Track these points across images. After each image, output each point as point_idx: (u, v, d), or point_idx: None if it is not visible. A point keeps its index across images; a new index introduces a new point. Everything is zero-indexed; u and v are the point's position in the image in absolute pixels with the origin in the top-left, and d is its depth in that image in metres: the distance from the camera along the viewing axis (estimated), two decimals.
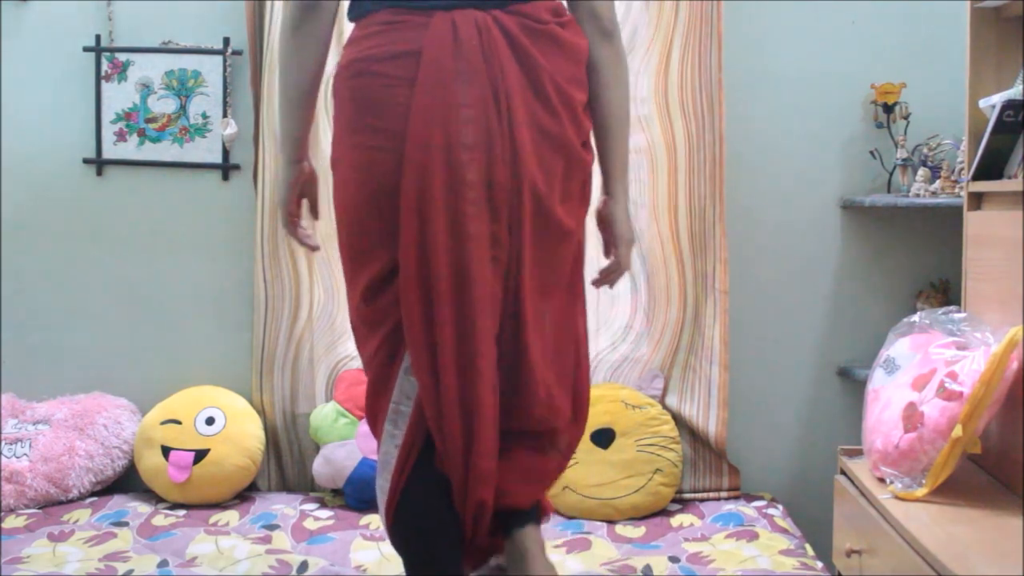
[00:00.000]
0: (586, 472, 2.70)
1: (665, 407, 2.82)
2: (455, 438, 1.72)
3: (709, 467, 2.84)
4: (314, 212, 2.04)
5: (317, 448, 2.83)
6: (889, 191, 2.81)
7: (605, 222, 1.98)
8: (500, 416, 1.76)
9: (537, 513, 1.87)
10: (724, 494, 2.82)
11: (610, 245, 2.00)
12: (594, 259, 2.10)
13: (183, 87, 2.95)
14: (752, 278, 2.88)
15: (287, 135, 1.88)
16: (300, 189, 1.95)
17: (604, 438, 2.73)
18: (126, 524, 2.63)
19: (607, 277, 2.02)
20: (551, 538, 2.47)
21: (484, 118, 1.68)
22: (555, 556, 2.36)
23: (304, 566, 2.35)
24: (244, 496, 2.84)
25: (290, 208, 1.96)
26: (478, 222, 1.69)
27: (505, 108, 1.70)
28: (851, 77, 2.83)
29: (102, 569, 2.34)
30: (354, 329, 1.88)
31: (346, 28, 2.87)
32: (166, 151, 2.96)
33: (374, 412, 1.82)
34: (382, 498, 1.78)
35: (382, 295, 1.75)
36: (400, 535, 1.79)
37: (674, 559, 2.39)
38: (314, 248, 2.04)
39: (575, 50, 1.80)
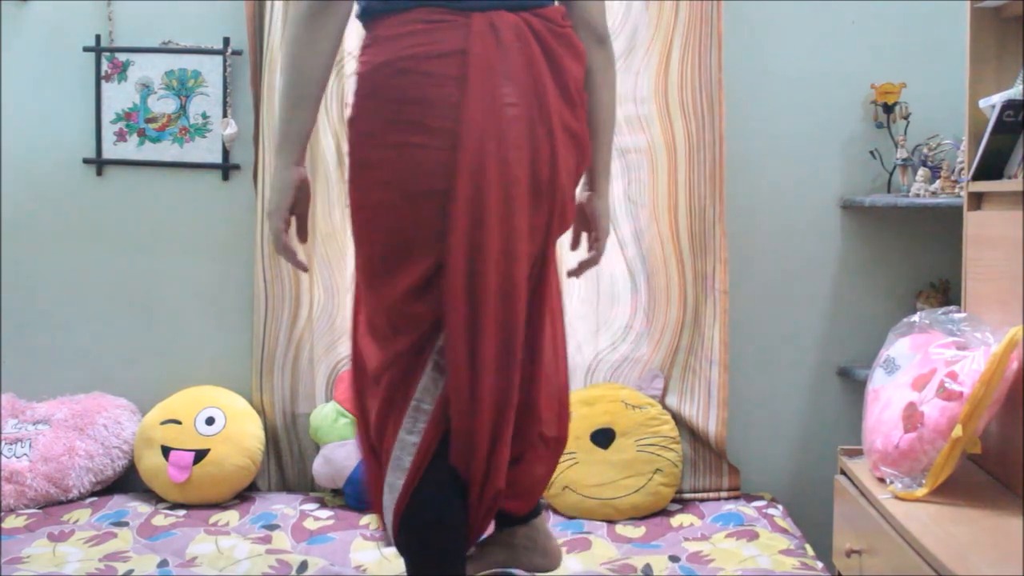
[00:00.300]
0: (586, 472, 2.70)
1: (665, 407, 2.82)
2: (485, 430, 1.75)
3: (709, 467, 2.84)
4: (302, 234, 1.86)
5: (317, 448, 2.83)
6: (889, 191, 2.81)
7: (587, 216, 2.03)
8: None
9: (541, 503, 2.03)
10: (724, 494, 2.82)
11: (579, 238, 2.08)
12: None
13: (183, 87, 2.95)
14: (752, 278, 2.88)
15: (291, 135, 1.78)
16: (295, 197, 1.81)
17: (604, 438, 2.73)
18: (126, 524, 2.63)
19: (584, 269, 2.09)
20: None
21: (528, 117, 1.72)
22: None
23: (304, 566, 2.35)
24: (244, 496, 2.84)
25: (285, 216, 1.80)
26: (522, 219, 1.73)
27: (545, 107, 1.74)
28: (851, 77, 2.83)
29: (102, 569, 2.34)
30: (374, 330, 1.82)
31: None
32: (166, 151, 2.96)
33: (386, 412, 1.80)
34: (392, 496, 1.78)
35: (426, 295, 1.75)
36: (410, 530, 1.79)
37: (674, 558, 2.39)
38: (304, 269, 1.93)
39: (581, 52, 1.87)
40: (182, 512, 2.73)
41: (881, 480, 2.11)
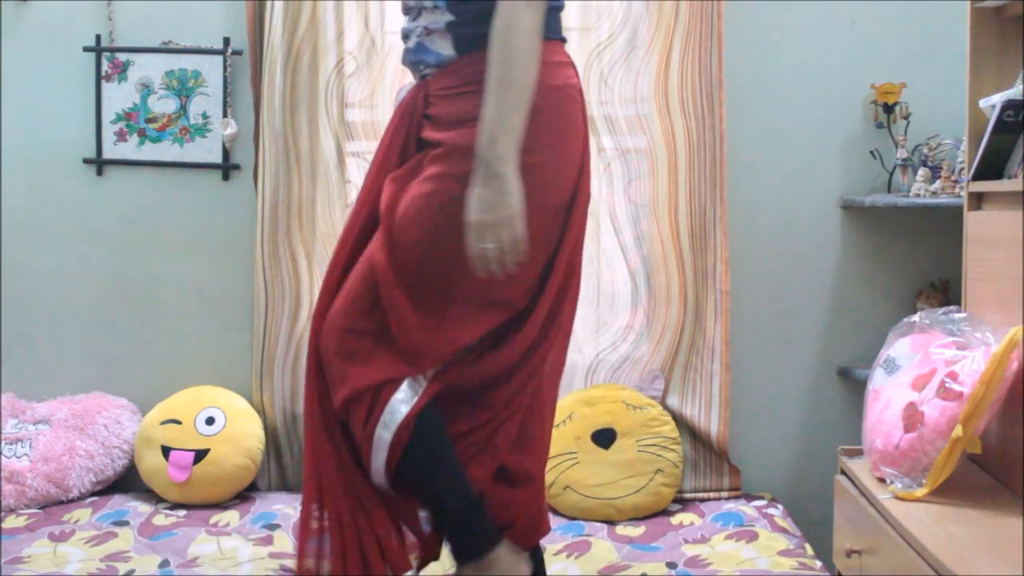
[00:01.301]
0: (587, 472, 2.70)
1: (666, 407, 2.82)
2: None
3: (710, 467, 2.84)
4: None
5: None
6: (889, 191, 2.81)
7: None
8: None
9: None
10: (725, 494, 2.82)
11: None
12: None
13: (183, 87, 2.95)
14: (752, 278, 2.88)
15: (517, 141, 1.79)
16: None
17: (605, 438, 2.73)
18: (127, 524, 2.63)
19: None
20: (552, 541, 2.47)
21: (587, 138, 2.01)
22: (558, 563, 2.37)
23: None
24: (244, 496, 2.84)
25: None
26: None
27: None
28: (851, 77, 2.83)
29: (103, 569, 2.34)
30: (495, 305, 1.92)
31: (341, 28, 2.87)
32: (166, 151, 2.96)
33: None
34: (405, 408, 1.88)
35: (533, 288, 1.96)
36: (421, 440, 1.90)
37: (671, 565, 2.38)
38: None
39: None
40: (182, 512, 2.73)
41: (881, 480, 2.11)
